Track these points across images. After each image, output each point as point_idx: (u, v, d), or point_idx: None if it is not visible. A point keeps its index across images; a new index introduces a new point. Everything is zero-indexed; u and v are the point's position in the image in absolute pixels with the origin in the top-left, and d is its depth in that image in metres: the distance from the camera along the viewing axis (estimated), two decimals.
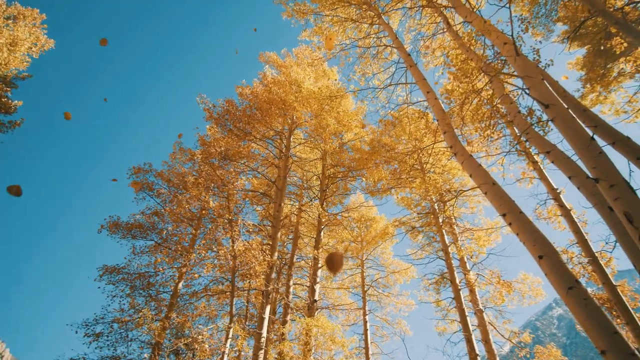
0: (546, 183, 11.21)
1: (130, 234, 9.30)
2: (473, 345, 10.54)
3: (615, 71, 13.40)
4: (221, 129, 9.87)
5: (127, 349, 7.96)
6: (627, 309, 8.64)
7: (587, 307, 3.85)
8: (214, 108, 9.84)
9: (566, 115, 4.77)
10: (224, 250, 7.53)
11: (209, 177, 8.44)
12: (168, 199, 9.23)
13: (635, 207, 3.74)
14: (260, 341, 7.38)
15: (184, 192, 8.69)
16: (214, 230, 8.32)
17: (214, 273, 8.41)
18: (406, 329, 14.85)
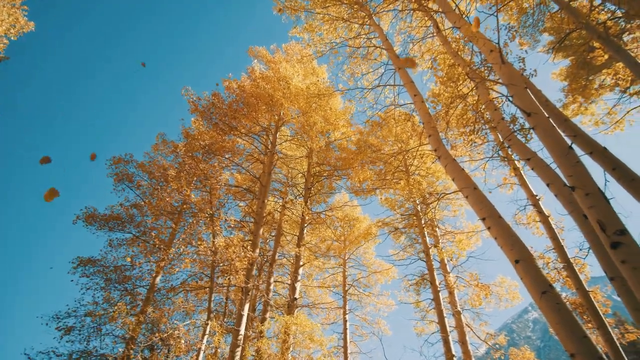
0: (526, 189, 11.46)
1: (107, 226, 9.04)
2: (450, 346, 10.71)
3: (597, 83, 13.78)
4: (206, 123, 9.71)
5: (99, 344, 7.77)
6: (598, 314, 8.93)
7: (559, 312, 3.94)
8: (199, 101, 9.66)
9: (547, 124, 4.86)
10: (204, 245, 7.41)
11: (191, 171, 8.29)
12: (148, 192, 9.03)
13: (608, 216, 3.84)
14: (237, 338, 7.30)
15: (165, 185, 8.51)
16: (195, 225, 8.17)
17: (193, 268, 8.29)
18: (385, 328, 15.00)
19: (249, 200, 11.44)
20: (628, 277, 3.51)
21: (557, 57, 14.46)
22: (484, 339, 11.98)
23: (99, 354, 7.70)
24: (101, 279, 8.52)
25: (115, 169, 9.16)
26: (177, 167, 8.82)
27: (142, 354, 7.56)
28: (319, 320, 14.65)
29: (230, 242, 7.47)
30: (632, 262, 3.48)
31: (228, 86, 10.42)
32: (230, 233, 8.63)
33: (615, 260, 3.69)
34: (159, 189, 8.50)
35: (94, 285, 8.40)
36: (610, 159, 6.24)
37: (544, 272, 4.54)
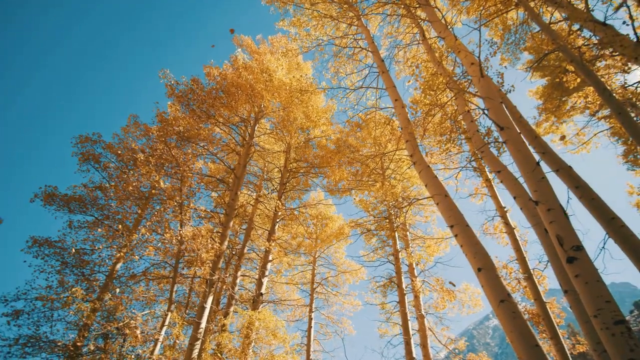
0: (496, 201, 11.81)
1: (68, 207, 8.57)
2: (411, 348, 10.90)
3: (569, 105, 14.37)
4: (183, 108, 9.38)
5: (50, 329, 7.37)
6: (552, 325, 9.35)
7: (514, 320, 4.07)
8: (178, 85, 9.32)
9: (518, 139, 4.98)
10: (171, 234, 7.18)
11: (163, 156, 7.99)
12: (115, 174, 8.62)
13: (567, 232, 3.98)
14: (198, 331, 7.13)
15: (134, 168, 8.16)
16: (162, 213, 7.89)
17: (156, 257, 8.00)
18: (350, 328, 15.12)
19: (222, 191, 11.18)
20: (580, 291, 3.64)
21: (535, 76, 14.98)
22: (444, 343, 12.26)
23: (48, 340, 7.31)
24: (57, 262, 8.10)
25: (81, 148, 8.70)
26: (148, 151, 8.47)
27: (95, 342, 7.25)
28: (284, 316, 14.64)
29: (198, 232, 7.26)
30: (584, 276, 3.61)
31: (209, 73, 10.13)
32: (199, 223, 8.41)
33: (570, 274, 3.82)
34: (127, 172, 8.14)
35: (48, 268, 7.99)
36: (575, 177, 6.52)
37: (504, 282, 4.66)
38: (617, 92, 10.79)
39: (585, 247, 3.89)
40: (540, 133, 14.62)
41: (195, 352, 6.98)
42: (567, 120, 14.81)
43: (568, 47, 9.16)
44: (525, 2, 9.62)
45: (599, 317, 3.38)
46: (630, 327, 3.30)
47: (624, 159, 12.59)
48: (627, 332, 3.24)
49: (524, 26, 12.78)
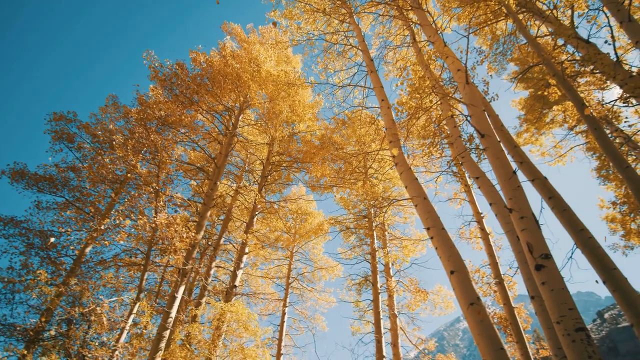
0: (473, 206, 12.06)
1: (37, 186, 8.18)
2: (382, 347, 11.04)
3: (549, 117, 14.78)
4: (166, 92, 9.11)
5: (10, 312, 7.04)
6: (519, 329, 9.66)
7: (482, 323, 4.15)
8: (162, 68, 9.03)
9: (497, 147, 5.06)
10: (144, 220, 6.97)
11: (141, 140, 7.74)
12: (90, 155, 8.29)
13: (537, 240, 4.08)
14: (167, 320, 6.98)
15: (110, 151, 7.88)
16: (137, 198, 7.66)
17: (128, 243, 7.77)
18: (323, 325, 15.19)
19: (201, 180, 10.95)
20: (545, 298, 3.74)
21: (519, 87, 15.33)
22: (415, 342, 12.46)
23: (7, 324, 6.99)
24: (22, 243, 7.73)
25: (54, 126, 8.30)
26: (127, 134, 8.19)
27: (57, 327, 6.99)
28: (257, 310, 14.55)
29: (173, 220, 7.09)
30: (551, 284, 3.71)
31: (195, 58, 9.87)
32: (175, 211, 8.21)
33: (537, 280, 3.91)
34: (103, 154, 7.85)
35: (11, 249, 7.61)
36: (549, 188, 6.70)
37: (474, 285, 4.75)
38: (595, 109, 11.15)
39: (553, 256, 4.00)
40: (520, 143, 14.99)
41: (163, 342, 6.84)
42: (546, 133, 15.24)
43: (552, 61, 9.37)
44: (514, 14, 9.79)
45: (562, 324, 3.48)
46: (590, 334, 3.41)
47: (597, 174, 13.04)
48: (587, 339, 3.35)
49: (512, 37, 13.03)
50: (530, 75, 13.97)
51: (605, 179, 12.85)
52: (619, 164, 6.31)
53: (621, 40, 11.69)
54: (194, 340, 7.86)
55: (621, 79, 7.41)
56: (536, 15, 10.24)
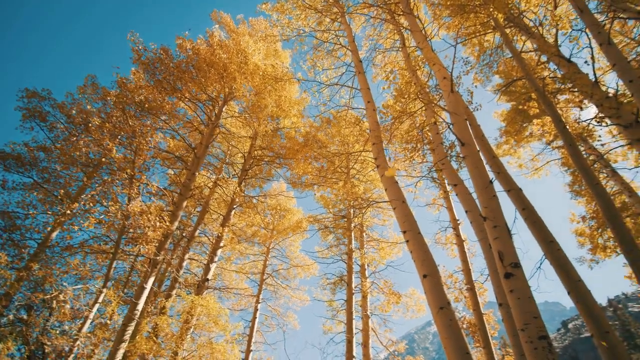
0: (450, 213, 12.27)
1: (4, 164, 7.75)
2: (352, 347, 11.09)
3: (528, 131, 15.17)
4: (148, 77, 8.81)
5: None
6: (487, 335, 9.91)
7: (450, 327, 4.22)
8: (145, 52, 8.73)
9: (476, 156, 5.13)
10: (117, 207, 6.73)
11: (118, 124, 7.46)
12: (63, 136, 7.92)
13: (508, 249, 4.16)
14: (134, 311, 6.78)
15: (85, 133, 7.56)
16: (110, 184, 7.38)
17: (98, 229, 7.49)
18: (295, 322, 15.15)
19: (179, 169, 10.69)
20: (512, 306, 3.81)
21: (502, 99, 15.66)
22: (385, 344, 12.58)
23: None
24: None
25: (27, 103, 7.89)
26: (104, 116, 7.88)
27: (16, 313, 6.67)
28: (229, 305, 14.37)
29: (146, 209, 6.87)
30: (518, 292, 3.79)
31: (181, 45, 9.61)
32: (150, 200, 7.97)
33: (505, 288, 3.99)
34: (77, 135, 7.52)
35: None
36: (523, 199, 6.86)
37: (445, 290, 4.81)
38: (571, 126, 11.53)
39: (523, 266, 4.08)
40: (499, 154, 15.33)
41: (128, 333, 6.63)
42: (525, 145, 15.65)
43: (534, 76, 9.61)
44: (501, 28, 10.00)
45: (526, 331, 3.56)
46: (551, 343, 3.49)
47: (569, 189, 13.48)
48: (548, 347, 3.44)
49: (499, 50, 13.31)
50: (514, 89, 14.29)
51: (577, 194, 13.29)
52: (590, 180, 6.52)
53: (601, 61, 12.10)
54: (161, 333, 7.67)
55: (597, 99, 7.68)
56: (522, 30, 10.49)
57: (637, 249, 5.46)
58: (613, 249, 11.81)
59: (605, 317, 5.33)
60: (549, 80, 10.92)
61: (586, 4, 7.04)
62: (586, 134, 11.77)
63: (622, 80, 5.41)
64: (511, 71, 14.00)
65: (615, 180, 10.99)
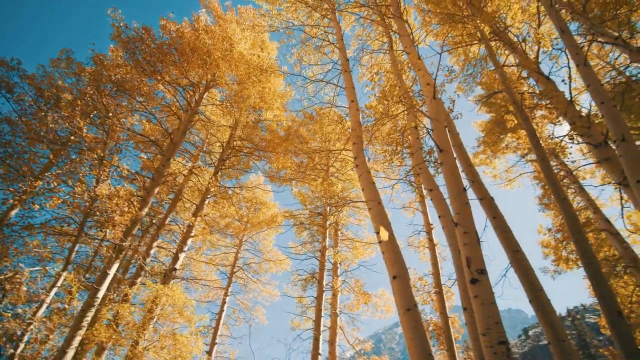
0: (425, 217, 12.48)
1: None
2: (319, 344, 11.11)
3: (504, 143, 15.60)
4: (127, 56, 8.45)
5: None
6: (451, 339, 10.16)
7: (415, 329, 4.27)
8: (126, 29, 8.38)
9: (452, 163, 5.21)
10: (83, 188, 6.41)
11: (91, 102, 7.11)
12: (30, 110, 7.46)
13: (476, 255, 4.24)
14: (94, 297, 6.50)
15: (54, 108, 7.16)
16: (78, 164, 7.04)
17: (62, 210, 7.12)
18: (263, 317, 15.05)
19: (153, 154, 10.33)
20: (476, 310, 3.89)
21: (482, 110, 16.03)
22: (352, 342, 12.67)
23: None
24: None
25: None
26: (77, 92, 7.50)
27: None
28: (196, 296, 14.11)
29: (115, 192, 6.59)
30: (482, 298, 3.86)
31: (164, 26, 9.27)
32: (119, 183, 7.65)
33: (470, 293, 4.07)
34: (46, 110, 7.11)
35: None
36: (495, 209, 7.05)
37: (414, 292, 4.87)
38: (545, 141, 11.92)
39: (489, 272, 4.18)
40: (475, 163, 15.70)
41: (87, 319, 6.36)
42: (501, 157, 16.09)
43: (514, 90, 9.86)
44: (487, 40, 10.20)
45: (487, 336, 3.64)
46: (510, 348, 3.59)
47: (539, 201, 13.95)
48: (507, 352, 3.53)
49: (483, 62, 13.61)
50: (494, 101, 14.65)
51: (546, 207, 13.78)
52: (558, 195, 6.75)
53: (577, 82, 12.54)
54: (122, 321, 7.41)
55: (571, 117, 7.96)
56: (506, 45, 10.75)
57: (597, 263, 5.70)
58: (575, 261, 12.32)
59: (562, 326, 5.55)
60: (527, 95, 11.25)
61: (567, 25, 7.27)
62: (558, 150, 12.21)
63: (595, 101, 5.61)
64: (493, 83, 14.35)
65: (582, 196, 11.45)
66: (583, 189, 11.56)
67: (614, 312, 5.17)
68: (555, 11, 6.90)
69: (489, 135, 15.35)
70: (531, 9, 10.35)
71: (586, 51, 6.52)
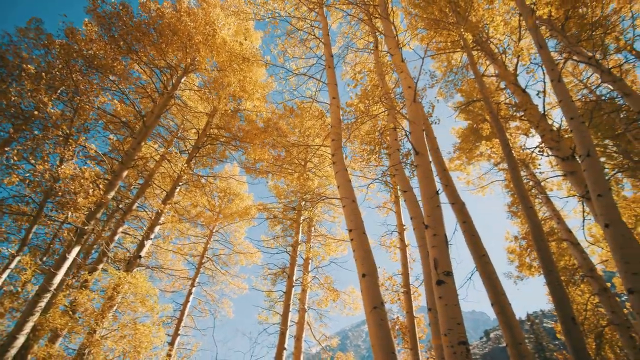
0: (398, 218, 12.66)
1: None
2: (284, 339, 11.09)
3: (479, 150, 16.02)
4: (102, 31, 8.02)
5: None
6: (415, 338, 10.39)
7: (380, 327, 4.31)
8: (103, 4, 7.96)
9: (427, 167, 5.27)
10: (46, 167, 6.06)
11: (59, 77, 6.71)
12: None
13: (443, 257, 4.32)
14: (51, 282, 6.18)
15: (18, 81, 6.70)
16: (42, 140, 6.64)
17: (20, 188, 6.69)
18: (229, 310, 14.86)
19: (124, 136, 9.91)
20: (439, 311, 3.96)
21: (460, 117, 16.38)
22: (319, 338, 12.72)
23: None
24: None
25: None
26: (44, 65, 7.05)
27: None
28: (161, 285, 13.72)
29: (80, 173, 6.26)
30: (446, 299, 3.94)
31: (144, 4, 8.84)
32: (85, 164, 7.27)
33: (435, 295, 4.14)
34: (8, 82, 6.64)
35: None
36: (465, 213, 7.22)
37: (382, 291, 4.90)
38: (517, 151, 12.32)
39: (455, 275, 4.26)
40: (450, 168, 16.04)
41: (41, 305, 6.04)
42: (475, 164, 16.53)
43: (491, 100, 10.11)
44: (469, 49, 10.40)
45: (448, 336, 3.71)
46: (469, 349, 3.68)
47: (508, 209, 14.42)
48: (466, 353, 3.62)
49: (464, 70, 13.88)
50: (472, 109, 14.99)
51: (514, 215, 14.27)
52: (525, 204, 6.97)
53: (551, 96, 13.00)
54: (80, 308, 7.09)
55: (542, 130, 8.23)
56: (488, 55, 10.99)
57: (556, 271, 5.94)
58: (537, 268, 12.83)
59: (520, 329, 5.76)
60: (503, 105, 11.57)
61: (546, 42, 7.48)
62: (529, 161, 12.63)
63: (565, 116, 5.81)
64: (472, 92, 14.68)
65: (548, 206, 11.91)
66: (549, 199, 12.03)
67: (569, 319, 5.40)
68: (535, 27, 7.09)
69: (465, 142, 15.72)
70: (513, 22, 10.63)
71: (561, 68, 6.74)
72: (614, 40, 10.75)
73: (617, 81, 8.97)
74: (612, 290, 9.64)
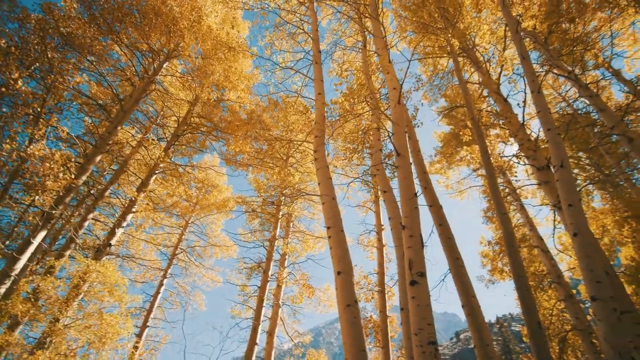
0: (377, 218, 12.76)
1: None
2: (257, 334, 11.02)
3: (459, 155, 16.32)
4: (82, 9, 7.66)
5: None
6: (387, 337, 10.52)
7: (353, 325, 4.32)
8: None
9: (407, 168, 5.30)
10: (13, 146, 5.75)
11: (32, 54, 6.37)
12: None
13: (418, 258, 4.36)
14: (13, 267, 5.88)
15: None
16: (10, 119, 6.29)
17: None
18: (201, 303, 14.63)
19: (100, 119, 9.52)
20: (411, 311, 4.00)
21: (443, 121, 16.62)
22: (291, 334, 12.69)
23: None
24: None
25: None
26: (17, 40, 6.67)
27: None
28: (132, 275, 13.33)
29: (50, 155, 5.97)
30: (418, 299, 3.98)
31: None
32: (56, 145, 6.95)
33: (408, 295, 4.17)
34: None
35: None
36: (441, 216, 7.32)
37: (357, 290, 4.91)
38: (495, 158, 12.61)
39: (429, 276, 4.30)
40: (430, 171, 16.27)
41: (1, 290, 5.75)
42: (454, 168, 16.82)
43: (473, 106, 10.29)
44: (454, 55, 10.53)
45: (418, 335, 3.75)
46: (438, 349, 3.73)
47: (484, 214, 14.75)
48: (435, 352, 3.67)
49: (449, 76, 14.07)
50: (455, 114, 15.24)
51: (489, 220, 14.62)
52: (500, 210, 7.13)
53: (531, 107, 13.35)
54: (43, 295, 6.81)
55: (521, 139, 8.44)
56: (473, 62, 11.18)
57: (525, 276, 6.10)
58: (508, 273, 13.19)
59: (488, 331, 5.90)
60: (485, 113, 11.80)
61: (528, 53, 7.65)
62: (506, 168, 12.94)
63: (543, 127, 5.96)
64: (456, 97, 14.90)
65: (522, 213, 12.25)
66: (523, 207, 12.37)
67: (535, 323, 5.56)
68: (519, 38, 7.24)
69: (446, 146, 15.98)
70: (499, 32, 10.83)
71: (542, 80, 6.93)
72: (593, 56, 11.12)
73: (594, 96, 9.29)
74: (577, 297, 10.02)
